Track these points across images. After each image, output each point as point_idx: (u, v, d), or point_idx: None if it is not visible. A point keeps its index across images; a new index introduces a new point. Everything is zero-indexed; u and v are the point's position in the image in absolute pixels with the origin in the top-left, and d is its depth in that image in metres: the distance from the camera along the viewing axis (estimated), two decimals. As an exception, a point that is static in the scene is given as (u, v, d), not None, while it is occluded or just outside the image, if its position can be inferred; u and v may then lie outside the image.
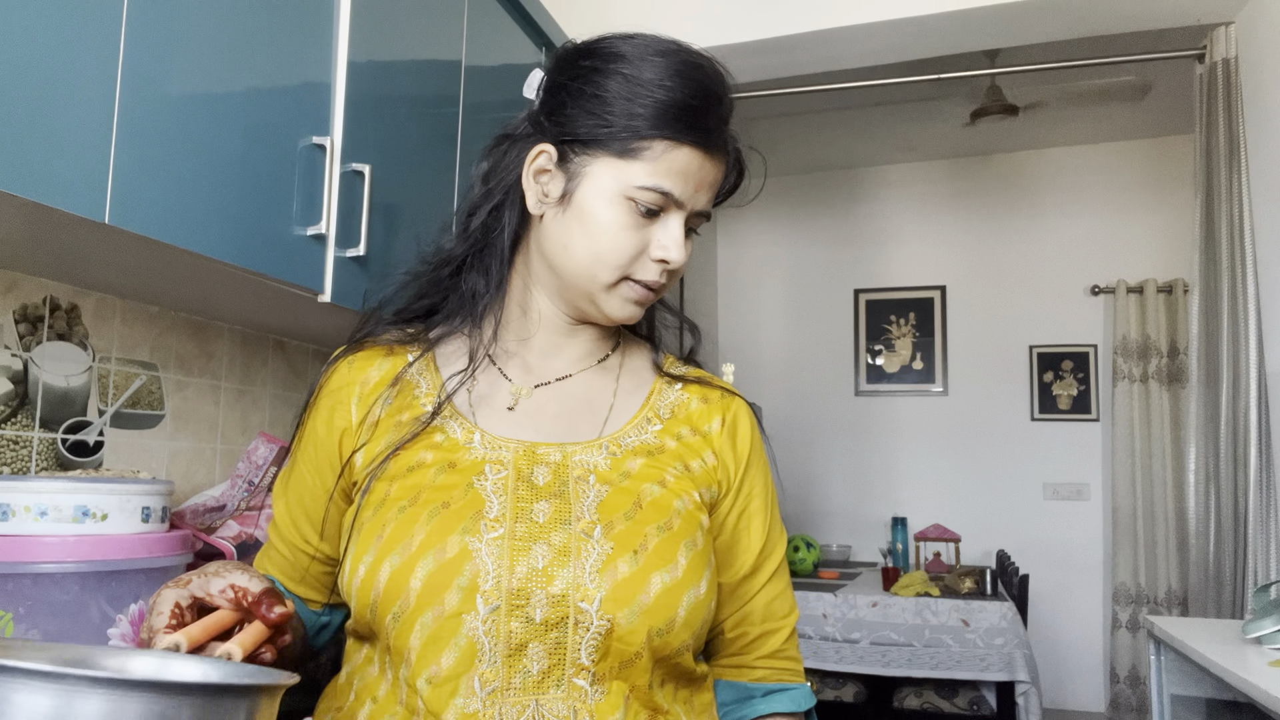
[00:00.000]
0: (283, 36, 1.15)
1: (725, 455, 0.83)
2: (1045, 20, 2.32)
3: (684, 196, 0.77)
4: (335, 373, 0.84)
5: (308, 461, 0.82)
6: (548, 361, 0.85)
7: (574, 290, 0.80)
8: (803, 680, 0.86)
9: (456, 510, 0.72)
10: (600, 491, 0.75)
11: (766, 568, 0.84)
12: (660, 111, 0.75)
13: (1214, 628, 1.93)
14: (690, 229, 0.80)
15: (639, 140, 0.75)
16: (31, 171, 0.82)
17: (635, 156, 0.75)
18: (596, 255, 0.77)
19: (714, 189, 0.80)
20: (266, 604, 0.65)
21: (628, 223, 0.76)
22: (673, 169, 0.76)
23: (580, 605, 0.69)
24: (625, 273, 0.78)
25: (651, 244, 0.77)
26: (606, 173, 0.76)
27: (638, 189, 0.75)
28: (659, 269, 0.78)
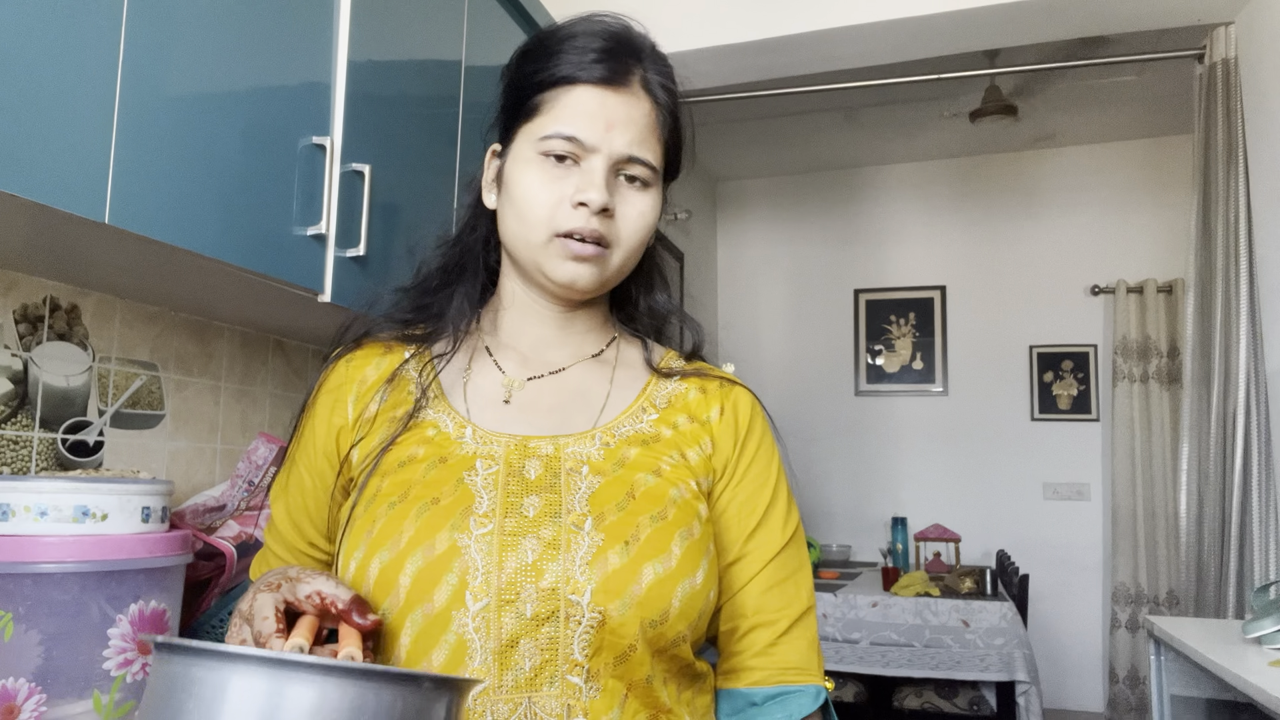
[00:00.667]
0: (283, 36, 1.15)
1: (723, 442, 0.82)
2: (1045, 20, 2.32)
3: (593, 138, 0.76)
4: (334, 372, 0.84)
5: (307, 461, 0.82)
6: (542, 355, 0.84)
7: (524, 261, 0.80)
8: (810, 681, 0.77)
9: (446, 506, 0.72)
10: (593, 483, 0.74)
11: (757, 554, 0.80)
12: (549, 64, 0.77)
13: (1214, 628, 1.93)
14: (634, 179, 0.78)
15: (540, 93, 0.78)
16: (31, 171, 0.82)
17: (538, 112, 0.78)
18: (521, 217, 0.78)
19: (636, 130, 0.77)
20: (358, 610, 0.63)
21: (544, 177, 0.77)
22: (574, 111, 0.76)
23: (571, 598, 0.68)
24: (552, 227, 0.76)
25: (572, 191, 0.76)
26: (523, 139, 0.79)
27: (543, 140, 0.76)
28: (584, 214, 0.75)
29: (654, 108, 0.79)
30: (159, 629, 0.90)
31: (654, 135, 0.79)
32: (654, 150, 0.79)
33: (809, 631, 0.80)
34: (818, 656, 0.80)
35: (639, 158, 0.77)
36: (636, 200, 0.79)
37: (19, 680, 0.81)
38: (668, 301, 0.92)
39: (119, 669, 0.86)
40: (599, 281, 0.79)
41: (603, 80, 0.76)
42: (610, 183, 0.77)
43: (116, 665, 0.86)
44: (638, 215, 0.79)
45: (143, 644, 0.89)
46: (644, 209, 0.79)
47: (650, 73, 0.79)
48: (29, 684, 0.82)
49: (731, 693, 0.79)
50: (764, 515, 0.81)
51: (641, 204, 0.79)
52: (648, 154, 0.78)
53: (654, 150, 0.79)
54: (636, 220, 0.79)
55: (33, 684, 0.82)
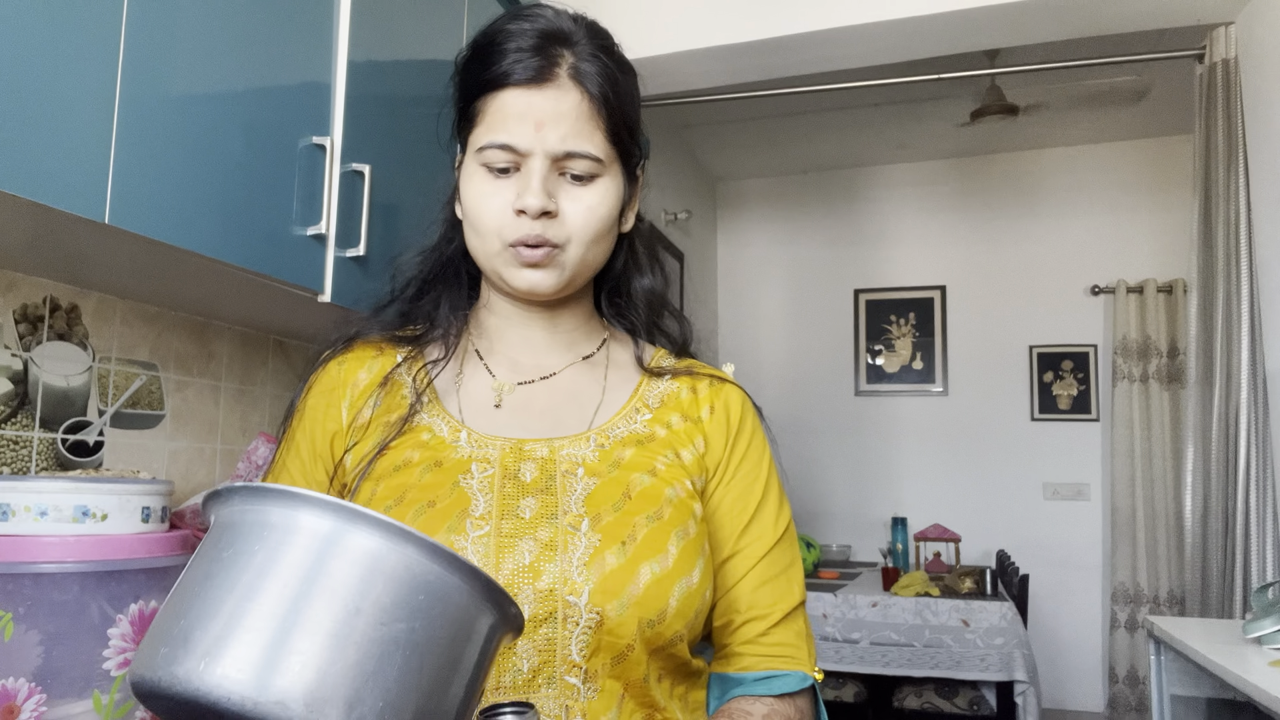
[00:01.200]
0: (283, 36, 1.15)
1: (715, 440, 0.82)
2: (1045, 20, 2.32)
3: (524, 141, 0.74)
4: (325, 374, 0.84)
5: (299, 465, 0.82)
6: (531, 358, 0.84)
7: (488, 271, 0.80)
8: (798, 668, 0.77)
9: (442, 509, 0.72)
10: (588, 484, 0.74)
11: (750, 551, 0.79)
12: (480, 70, 0.77)
13: (1214, 628, 1.93)
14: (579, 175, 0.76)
15: (471, 104, 0.78)
16: (31, 171, 0.82)
17: (475, 122, 0.78)
18: (475, 229, 0.78)
19: (568, 124, 0.74)
20: None
21: (487, 189, 0.76)
22: (502, 117, 0.75)
23: (568, 599, 0.68)
24: (502, 238, 0.76)
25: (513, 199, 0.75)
26: (469, 152, 0.79)
27: (479, 151, 0.76)
28: (526, 222, 0.74)
29: (585, 97, 0.75)
30: (159, 629, 0.90)
31: (591, 124, 0.75)
32: (593, 140, 0.75)
33: (798, 624, 0.80)
34: (807, 646, 0.80)
35: (576, 151, 0.75)
36: (582, 195, 0.76)
37: (19, 680, 0.81)
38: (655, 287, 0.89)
39: (119, 669, 0.86)
40: (561, 282, 0.78)
41: (528, 80, 0.74)
42: (551, 182, 0.75)
43: (116, 665, 0.86)
44: (585, 210, 0.76)
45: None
46: (592, 203, 0.76)
47: (581, 60, 0.76)
48: (29, 684, 0.82)
49: (721, 676, 0.79)
50: (755, 512, 0.81)
51: (589, 198, 0.76)
52: (586, 146, 0.75)
53: (593, 140, 0.75)
54: (585, 214, 0.76)
55: (33, 684, 0.82)
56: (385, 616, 0.43)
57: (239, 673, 0.40)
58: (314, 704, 0.40)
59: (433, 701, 0.44)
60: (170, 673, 0.41)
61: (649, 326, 0.90)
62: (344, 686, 0.41)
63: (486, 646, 0.48)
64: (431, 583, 0.45)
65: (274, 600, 0.42)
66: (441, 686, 0.44)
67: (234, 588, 0.43)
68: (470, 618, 0.46)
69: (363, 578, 0.44)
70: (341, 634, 0.42)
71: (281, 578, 0.43)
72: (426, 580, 0.45)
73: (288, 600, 0.42)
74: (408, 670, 0.43)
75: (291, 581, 0.43)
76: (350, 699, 0.41)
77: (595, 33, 0.79)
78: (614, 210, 0.79)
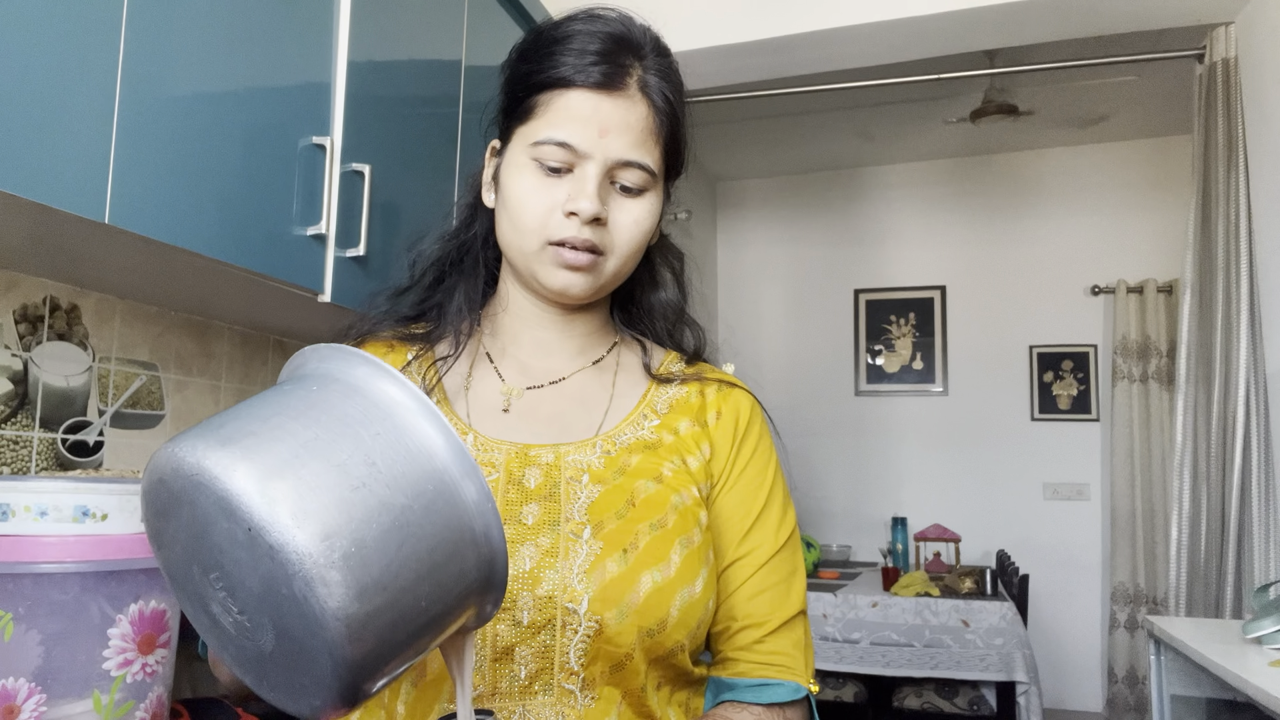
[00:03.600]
0: (283, 36, 1.15)
1: (721, 445, 0.81)
2: (1045, 20, 2.32)
3: (586, 144, 0.73)
4: None
5: None
6: (541, 361, 0.83)
7: (519, 267, 0.79)
8: (792, 678, 0.76)
9: None
10: (592, 492, 0.73)
11: (751, 558, 0.78)
12: (545, 65, 0.75)
13: (1214, 628, 1.93)
14: (629, 187, 0.76)
15: (533, 96, 0.76)
16: (31, 171, 0.82)
17: (531, 115, 0.76)
18: (514, 223, 0.76)
19: (632, 135, 0.75)
20: None
21: (536, 184, 0.75)
22: (565, 116, 0.74)
23: (567, 606, 0.67)
24: (544, 235, 0.75)
25: (564, 200, 0.74)
26: (517, 143, 0.77)
27: (535, 145, 0.74)
28: (575, 224, 0.74)
29: (651, 110, 0.76)
30: (159, 629, 0.90)
31: (651, 138, 0.76)
32: (651, 154, 0.76)
33: (796, 633, 0.79)
34: (804, 656, 0.79)
35: (635, 162, 0.75)
36: (631, 207, 0.76)
37: (19, 680, 0.81)
38: (670, 300, 0.89)
39: (119, 669, 0.86)
40: (593, 289, 0.78)
41: (598, 84, 0.73)
42: (604, 189, 0.75)
43: (116, 665, 0.86)
44: (632, 223, 0.76)
45: (143, 644, 0.88)
46: (639, 215, 0.77)
47: (650, 73, 0.76)
48: (29, 684, 0.82)
49: (716, 680, 0.78)
50: (758, 517, 0.80)
51: (637, 210, 0.77)
52: (645, 158, 0.75)
53: (651, 154, 0.76)
54: (631, 228, 0.77)
55: (33, 684, 0.82)
56: (392, 483, 0.45)
57: (249, 466, 0.42)
58: (299, 516, 0.42)
59: (394, 583, 0.44)
60: (192, 449, 0.44)
61: (661, 335, 0.89)
62: (330, 516, 0.42)
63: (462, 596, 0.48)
64: (446, 485, 0.47)
65: (307, 427, 0.45)
66: (408, 575, 0.45)
67: (280, 410, 0.46)
68: (459, 540, 0.47)
69: (391, 445, 0.46)
70: (349, 474, 0.44)
71: (325, 413, 0.46)
72: (443, 480, 0.47)
73: (320, 431, 0.45)
74: (387, 537, 0.44)
75: (330, 421, 0.45)
76: (329, 529, 0.42)
77: (662, 48, 0.80)
78: (655, 225, 0.80)
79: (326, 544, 0.42)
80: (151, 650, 0.89)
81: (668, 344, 0.89)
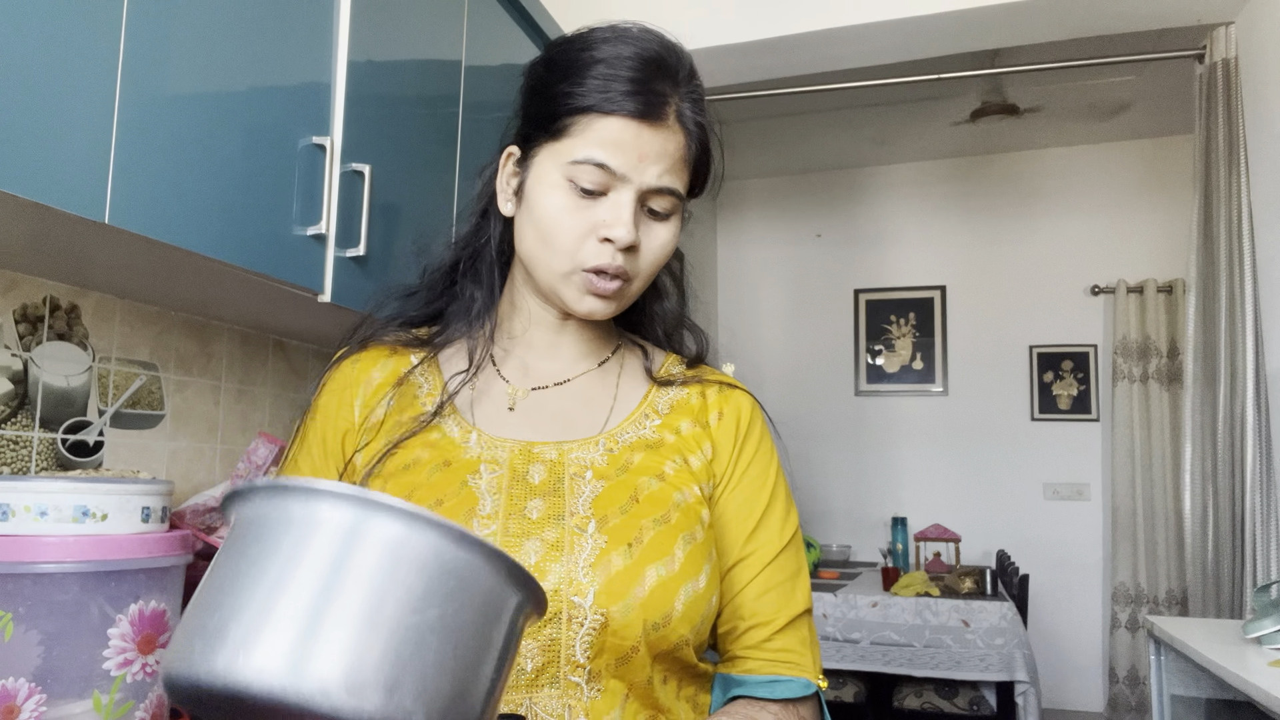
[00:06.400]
0: (283, 36, 1.15)
1: (722, 446, 0.82)
2: (1045, 20, 2.32)
3: (624, 169, 0.73)
4: (339, 371, 0.84)
5: (310, 463, 0.82)
6: (545, 363, 0.84)
7: (542, 284, 0.79)
8: (803, 674, 0.77)
9: (449, 508, 0.72)
10: (596, 487, 0.74)
11: (755, 557, 0.79)
12: (588, 84, 0.74)
13: (1214, 628, 1.93)
14: (658, 212, 0.77)
15: (569, 116, 0.74)
16: (31, 171, 0.82)
17: (568, 134, 0.74)
18: (545, 242, 0.76)
19: (668, 162, 0.75)
20: None
21: (569, 204, 0.74)
22: (606, 140, 0.73)
23: (573, 600, 0.68)
24: (576, 260, 0.75)
25: (598, 224, 0.74)
26: (548, 158, 0.76)
27: (572, 165, 0.74)
28: (610, 251, 0.74)
29: (686, 138, 0.77)
30: (159, 629, 0.90)
31: (684, 165, 0.77)
32: (682, 179, 0.77)
33: (803, 631, 0.79)
34: (811, 654, 0.79)
35: (668, 188, 0.76)
36: (660, 231, 0.77)
37: (19, 680, 0.81)
38: (672, 308, 0.90)
39: (119, 669, 0.86)
40: (616, 311, 0.80)
41: (638, 114, 0.73)
42: (636, 215, 0.75)
43: (116, 665, 0.86)
44: (659, 246, 0.78)
45: (143, 644, 0.89)
46: (665, 239, 0.78)
47: (685, 102, 0.76)
48: (29, 684, 0.82)
49: (725, 677, 0.79)
50: (761, 517, 0.81)
51: (664, 234, 0.78)
52: (676, 184, 0.76)
53: (682, 179, 0.77)
54: (658, 251, 0.78)
55: (32, 684, 0.82)
56: (417, 603, 0.43)
57: (276, 662, 0.41)
58: (354, 688, 0.40)
59: (467, 682, 0.44)
60: (207, 667, 0.41)
61: (659, 339, 0.91)
62: (382, 671, 0.41)
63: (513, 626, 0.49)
64: (459, 568, 0.45)
65: (304, 590, 0.43)
66: (474, 667, 0.45)
67: (263, 581, 0.43)
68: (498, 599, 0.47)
69: (390, 565, 0.44)
70: (375, 620, 0.42)
71: (310, 569, 0.44)
72: (454, 566, 0.45)
73: (318, 590, 0.43)
74: (443, 654, 0.43)
75: (320, 572, 0.43)
76: (389, 683, 0.41)
77: (694, 71, 0.80)
78: (676, 245, 0.81)
79: (397, 699, 0.41)
80: (151, 650, 0.89)
81: (669, 348, 0.90)
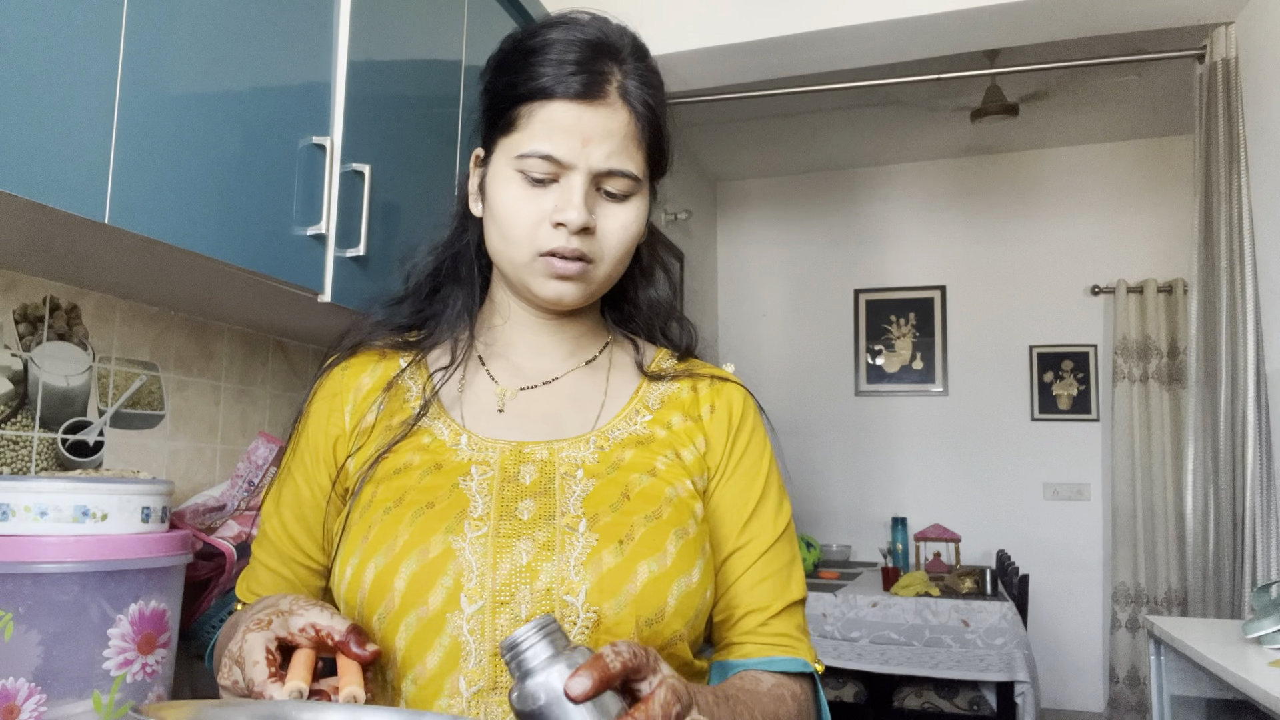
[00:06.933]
0: (283, 36, 1.15)
1: (716, 439, 0.82)
2: (1045, 20, 2.32)
3: (569, 155, 0.74)
4: (329, 379, 0.84)
5: (303, 471, 0.82)
6: (534, 362, 0.84)
7: (511, 278, 0.80)
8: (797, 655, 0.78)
9: (441, 510, 0.72)
10: (587, 486, 0.74)
11: (750, 548, 0.80)
12: (528, 73, 0.75)
13: (1214, 628, 1.93)
14: (614, 194, 0.76)
15: (514, 108, 0.76)
16: (31, 171, 0.82)
17: (514, 128, 0.76)
18: (503, 235, 0.77)
19: (614, 142, 0.75)
20: (357, 641, 0.62)
21: (522, 195, 0.75)
22: (548, 128, 0.74)
23: (566, 598, 0.68)
24: (533, 246, 0.75)
25: (551, 210, 0.75)
26: (501, 154, 0.78)
27: (519, 158, 0.75)
28: (564, 234, 0.74)
29: (632, 116, 0.76)
30: (159, 629, 0.90)
31: (634, 144, 0.76)
32: (634, 159, 0.76)
33: (798, 618, 0.81)
34: (806, 640, 0.81)
35: (618, 170, 0.75)
36: (618, 213, 0.77)
37: (19, 680, 0.81)
38: (661, 297, 0.90)
39: (119, 669, 0.86)
40: (585, 296, 0.79)
41: (578, 95, 0.73)
42: (590, 198, 0.75)
43: (116, 665, 0.86)
44: (620, 228, 0.77)
45: (143, 644, 0.89)
46: (626, 221, 0.77)
47: (629, 79, 0.76)
48: (29, 684, 0.82)
49: (721, 664, 0.79)
50: (756, 507, 0.81)
51: (624, 216, 0.77)
52: (628, 165, 0.76)
53: (634, 159, 0.76)
54: (619, 233, 0.77)
55: (33, 684, 0.82)
56: None
57: None
58: None
59: None
60: None
61: (652, 332, 0.90)
62: None
63: None
64: None
65: None
66: None
67: None
68: None
69: None
70: None
71: None
72: None
73: None
74: None
75: None
76: None
77: (640, 50, 0.79)
78: (643, 227, 0.80)
79: None
80: (151, 650, 0.89)
81: (660, 341, 0.90)
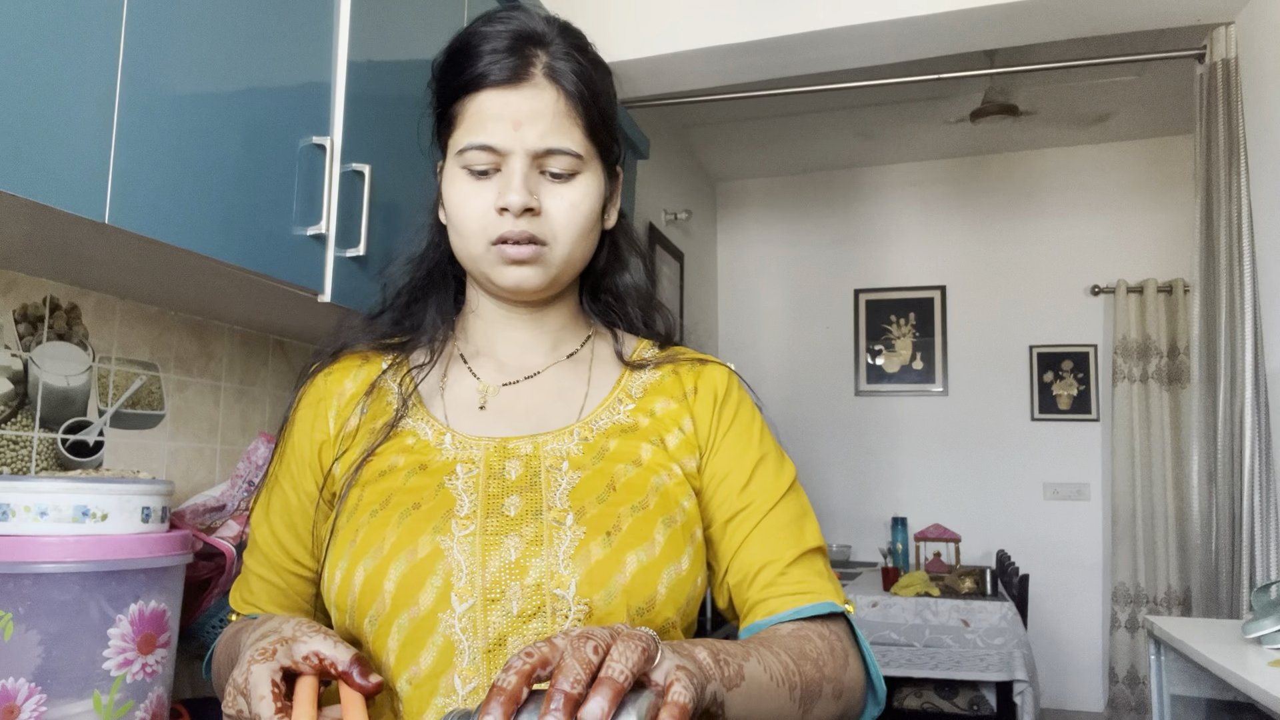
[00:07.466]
0: (283, 36, 1.15)
1: (702, 416, 0.82)
2: (1045, 20, 2.32)
3: (503, 140, 0.75)
4: (312, 386, 0.85)
5: (290, 479, 0.82)
6: (516, 358, 0.85)
7: (475, 274, 0.81)
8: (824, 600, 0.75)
9: (427, 510, 0.72)
10: (572, 478, 0.74)
11: (755, 506, 0.78)
12: (454, 74, 0.78)
13: (1214, 628, 1.93)
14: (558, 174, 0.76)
15: (450, 109, 0.79)
16: (31, 171, 0.82)
17: (454, 126, 0.79)
18: (458, 231, 0.78)
19: (546, 122, 0.75)
20: (360, 671, 0.62)
21: (469, 191, 0.77)
22: (480, 118, 0.76)
23: (556, 592, 0.68)
24: (485, 236, 0.76)
25: (496, 199, 0.76)
26: (449, 156, 0.80)
27: (459, 155, 0.77)
28: (509, 219, 0.75)
29: (562, 94, 0.76)
30: (159, 629, 0.90)
31: (568, 121, 0.76)
32: (570, 136, 0.76)
33: (817, 564, 0.78)
34: (832, 584, 0.77)
35: (555, 148, 0.75)
36: (564, 192, 0.77)
37: (19, 680, 0.81)
38: (638, 283, 0.90)
39: (119, 669, 0.86)
40: (547, 280, 0.79)
41: (503, 81, 0.75)
42: (533, 180, 0.76)
43: (116, 665, 0.86)
44: (568, 207, 0.77)
45: (143, 644, 0.89)
46: (574, 199, 0.77)
47: (556, 59, 0.76)
48: (29, 684, 0.82)
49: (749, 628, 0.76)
50: (754, 470, 0.80)
51: (571, 195, 0.77)
52: (565, 142, 0.76)
53: (570, 136, 0.76)
54: (568, 212, 0.77)
55: (33, 684, 0.82)
56: None
57: None
58: None
59: None
60: None
61: (633, 322, 0.90)
62: None
63: None
64: None
65: None
66: None
67: None
68: None
69: None
70: None
71: None
72: None
73: None
74: None
75: None
76: None
77: (568, 32, 0.80)
78: (596, 206, 0.80)
79: None
80: (151, 650, 0.89)
81: (641, 331, 0.90)
